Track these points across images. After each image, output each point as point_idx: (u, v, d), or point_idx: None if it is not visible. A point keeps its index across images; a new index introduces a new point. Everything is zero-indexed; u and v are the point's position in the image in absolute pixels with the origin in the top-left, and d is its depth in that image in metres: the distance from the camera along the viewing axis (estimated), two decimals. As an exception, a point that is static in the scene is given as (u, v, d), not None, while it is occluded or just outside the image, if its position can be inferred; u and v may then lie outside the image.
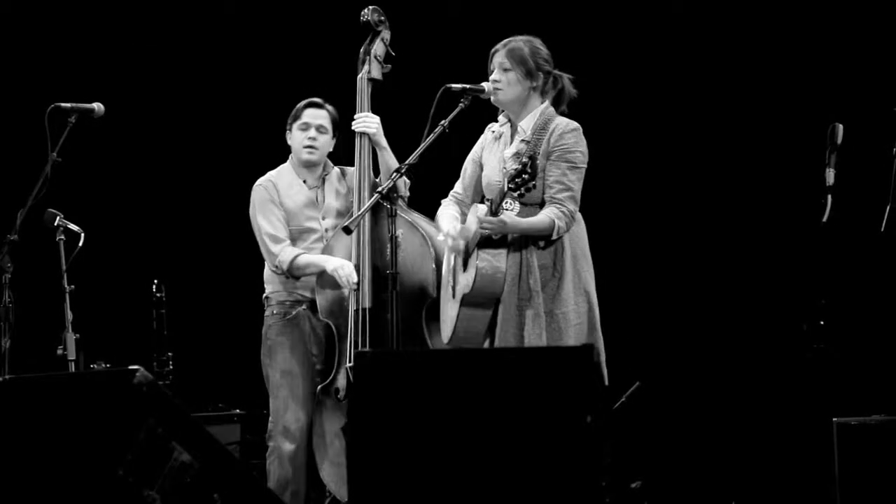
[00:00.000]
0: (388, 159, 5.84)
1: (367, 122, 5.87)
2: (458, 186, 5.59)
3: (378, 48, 5.96)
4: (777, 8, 7.20)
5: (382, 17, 5.99)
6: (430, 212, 5.80)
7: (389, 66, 5.97)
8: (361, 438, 4.07)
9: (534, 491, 3.88)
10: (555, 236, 5.19)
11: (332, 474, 5.88)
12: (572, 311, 5.20)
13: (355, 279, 5.74)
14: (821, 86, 6.98)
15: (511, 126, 5.41)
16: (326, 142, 6.03)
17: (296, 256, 5.89)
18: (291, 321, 5.99)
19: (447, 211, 5.53)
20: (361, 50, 5.97)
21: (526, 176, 4.94)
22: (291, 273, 5.91)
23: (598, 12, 7.49)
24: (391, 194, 5.51)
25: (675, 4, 7.40)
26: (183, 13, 8.13)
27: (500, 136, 5.43)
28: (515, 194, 5.03)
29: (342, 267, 5.77)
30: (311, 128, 5.99)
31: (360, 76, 5.95)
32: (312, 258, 5.90)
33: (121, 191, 8.06)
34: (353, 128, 5.91)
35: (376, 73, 5.96)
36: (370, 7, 5.98)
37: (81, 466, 4.17)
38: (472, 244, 5.27)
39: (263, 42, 8.06)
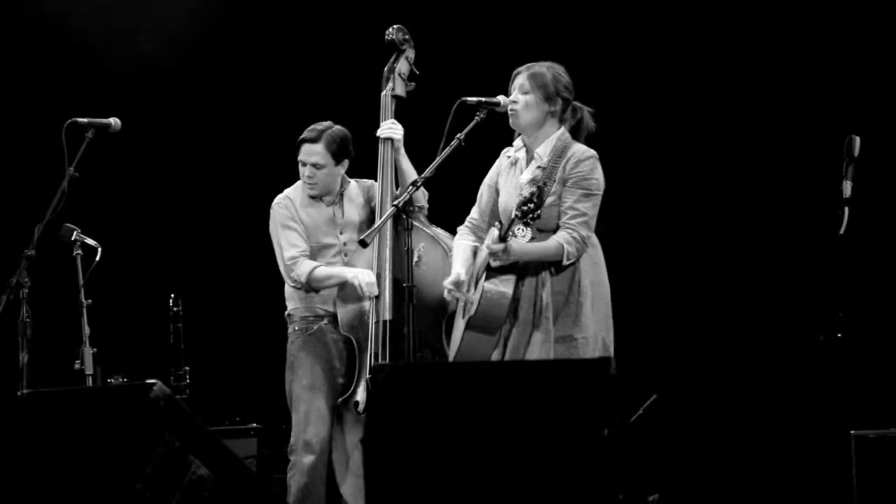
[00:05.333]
0: (407, 169, 5.84)
1: (393, 128, 5.88)
2: (474, 212, 5.57)
3: (402, 66, 5.97)
4: (795, 22, 7.19)
5: (407, 36, 6.01)
6: (446, 225, 5.81)
7: (413, 84, 5.99)
8: (379, 451, 4.07)
9: (551, 504, 3.87)
10: (565, 261, 5.17)
11: (353, 487, 5.88)
12: (591, 335, 5.18)
13: (375, 291, 5.73)
14: (838, 98, 6.97)
15: (527, 151, 5.41)
16: (325, 175, 5.98)
17: (313, 269, 5.89)
18: (313, 336, 5.99)
19: (462, 244, 5.50)
20: (385, 68, 5.98)
21: (532, 205, 4.93)
22: (310, 286, 5.91)
23: (616, 29, 7.49)
24: (407, 207, 5.51)
25: (693, 18, 7.41)
26: (203, 26, 8.15)
27: (516, 161, 5.42)
28: (521, 222, 5.03)
29: (361, 275, 5.78)
30: (306, 166, 5.99)
31: (383, 93, 5.96)
32: (331, 269, 5.90)
33: (138, 205, 8.08)
34: (377, 134, 5.90)
35: (400, 90, 5.97)
36: (395, 26, 6.00)
37: (99, 481, 4.17)
38: (480, 268, 5.27)
39: (284, 57, 8.08)
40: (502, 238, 5.08)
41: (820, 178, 6.03)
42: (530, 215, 4.95)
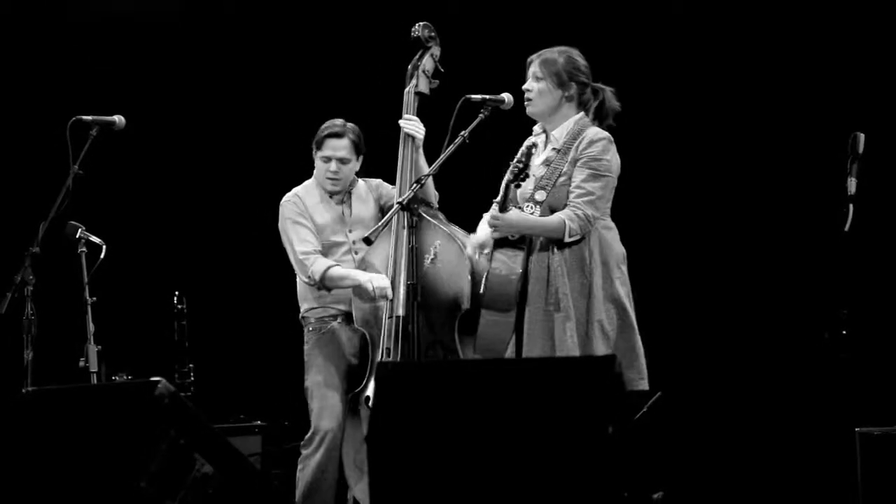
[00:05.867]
0: (423, 168, 5.83)
1: (417, 126, 5.87)
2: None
3: (427, 63, 5.95)
4: (800, 18, 7.18)
5: (433, 34, 5.98)
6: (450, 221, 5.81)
7: (437, 81, 5.97)
8: (382, 448, 4.08)
9: (555, 502, 3.87)
10: (567, 238, 5.16)
11: (364, 483, 5.88)
12: (605, 319, 5.18)
13: (390, 294, 5.72)
14: (843, 95, 6.96)
15: (546, 136, 5.41)
16: (349, 170, 6.01)
17: (329, 267, 5.88)
18: (326, 335, 5.99)
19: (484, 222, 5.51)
20: (410, 65, 5.96)
21: (520, 164, 5.01)
22: (324, 284, 5.90)
23: (627, 26, 7.49)
24: (411, 205, 5.51)
25: (698, 15, 7.40)
26: (210, 24, 8.14)
27: (535, 146, 5.42)
28: (514, 185, 5.05)
29: (374, 279, 5.78)
30: (332, 160, 5.98)
31: (406, 90, 5.93)
32: (347, 272, 5.89)
33: (142, 203, 8.07)
34: (400, 124, 5.87)
35: (423, 87, 5.94)
36: (421, 23, 5.97)
37: (104, 478, 4.18)
38: (490, 250, 5.29)
39: (288, 55, 8.06)
40: (502, 207, 5.10)
41: (824, 175, 6.02)
42: (521, 175, 5.01)
